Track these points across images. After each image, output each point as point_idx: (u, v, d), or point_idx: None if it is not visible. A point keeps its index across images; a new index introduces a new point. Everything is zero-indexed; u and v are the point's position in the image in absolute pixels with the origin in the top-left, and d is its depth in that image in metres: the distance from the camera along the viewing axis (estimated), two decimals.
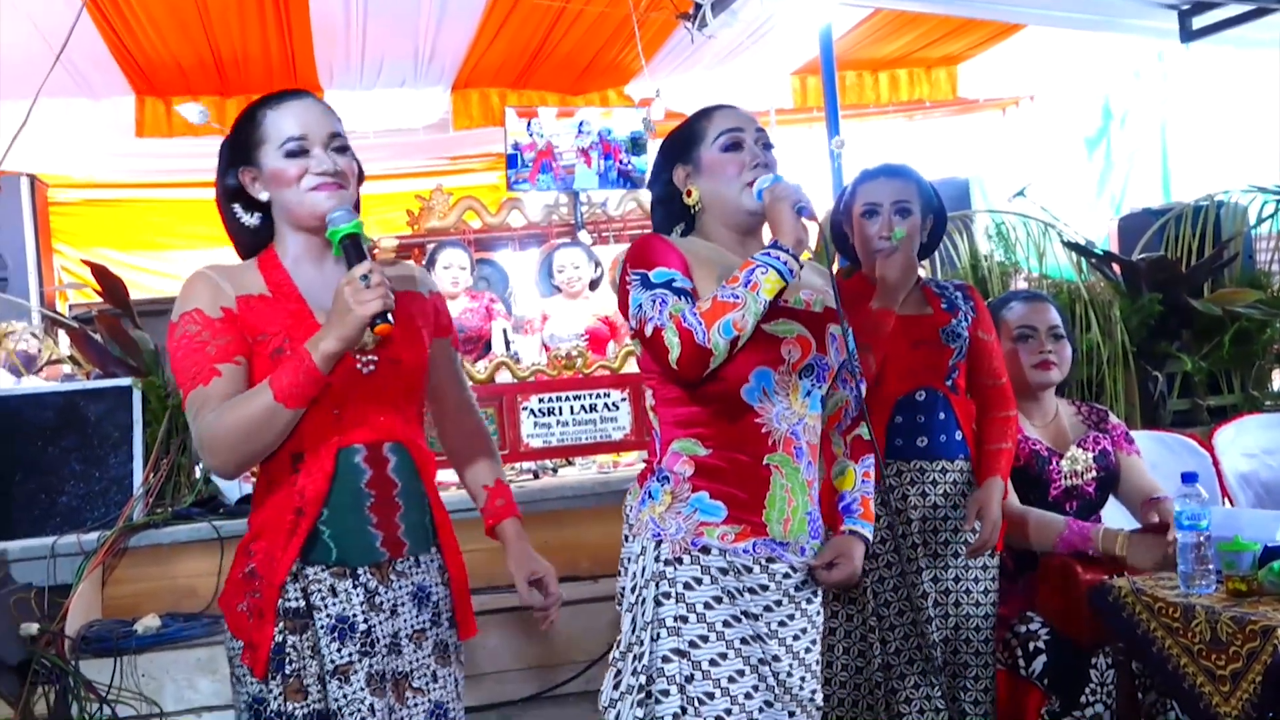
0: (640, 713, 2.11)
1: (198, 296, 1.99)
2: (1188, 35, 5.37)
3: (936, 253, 4.89)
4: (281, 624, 1.96)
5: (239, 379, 1.95)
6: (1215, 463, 3.74)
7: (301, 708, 1.95)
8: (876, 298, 2.75)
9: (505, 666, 3.88)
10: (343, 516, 1.99)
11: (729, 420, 2.17)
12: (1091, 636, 2.74)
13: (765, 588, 2.17)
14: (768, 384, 2.17)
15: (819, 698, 2.25)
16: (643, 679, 2.11)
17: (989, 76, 8.66)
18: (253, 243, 2.12)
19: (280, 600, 1.96)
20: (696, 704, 2.09)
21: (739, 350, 2.11)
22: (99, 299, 4.93)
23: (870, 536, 2.33)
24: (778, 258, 2.12)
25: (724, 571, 2.15)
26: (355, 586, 2.00)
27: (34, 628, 3.66)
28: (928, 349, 2.81)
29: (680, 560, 2.14)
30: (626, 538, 2.26)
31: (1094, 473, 3.05)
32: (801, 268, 2.17)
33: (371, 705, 1.99)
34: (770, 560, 2.18)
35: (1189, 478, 2.52)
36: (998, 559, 2.86)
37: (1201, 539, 2.43)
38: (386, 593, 2.04)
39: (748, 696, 2.13)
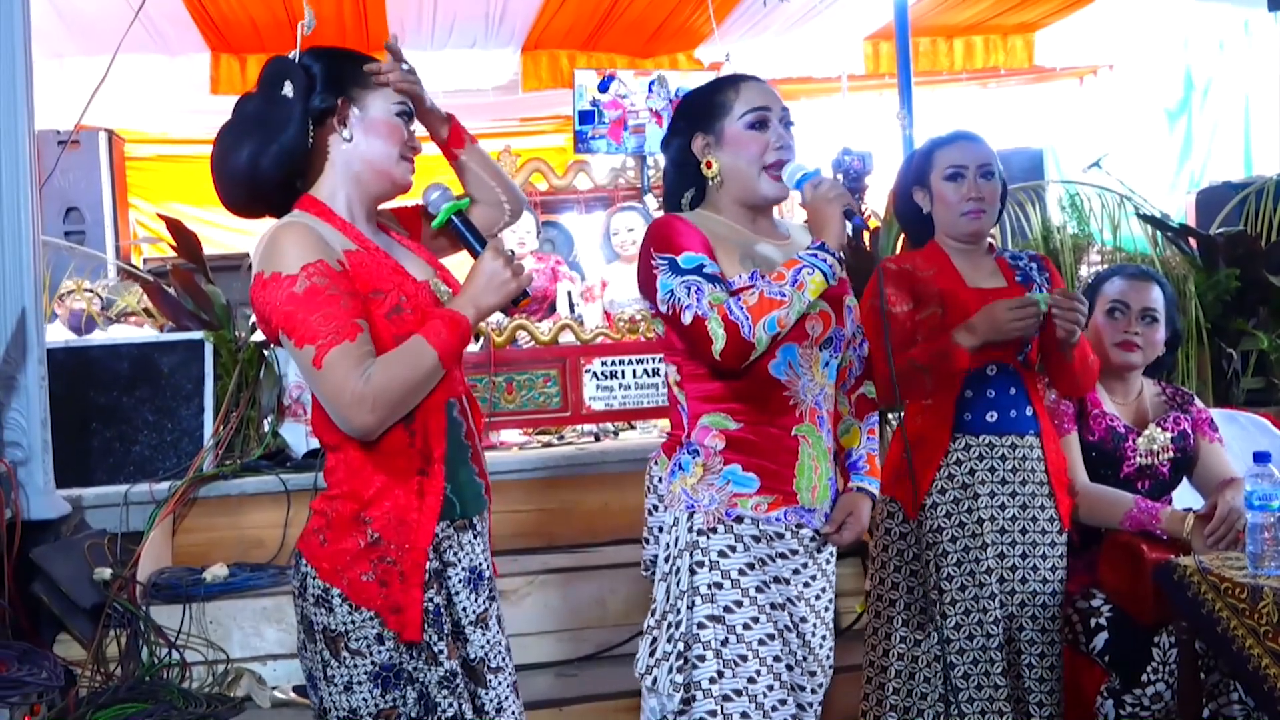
0: (679, 678, 2.16)
1: (314, 247, 1.91)
2: (1275, 4, 5.22)
3: (1008, 224, 4.85)
4: (434, 585, 1.98)
5: (369, 336, 1.92)
6: None
7: (456, 663, 2.00)
8: (962, 331, 2.67)
9: (564, 626, 3.92)
10: (457, 470, 2.03)
11: (758, 395, 2.22)
12: (1154, 615, 2.71)
13: (795, 552, 2.26)
14: (793, 358, 2.21)
15: (832, 656, 2.35)
16: (680, 645, 2.17)
17: (1067, 44, 8.48)
18: (285, 173, 1.99)
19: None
20: (732, 666, 2.16)
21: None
22: (173, 253, 5.01)
23: (876, 493, 2.40)
24: (825, 260, 2.16)
25: (756, 539, 2.22)
26: (475, 537, 2.08)
27: (107, 572, 3.76)
28: None
29: (714, 530, 2.20)
30: (654, 508, 2.30)
31: (1170, 453, 3.00)
32: (844, 269, 2.22)
33: (507, 645, 2.10)
34: (799, 526, 2.26)
35: (1261, 457, 2.47)
36: (1066, 536, 2.82)
37: (1272, 520, 2.39)
38: (486, 539, 2.13)
39: (776, 660, 2.21)
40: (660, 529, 2.27)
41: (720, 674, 2.15)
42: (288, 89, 1.97)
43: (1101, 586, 2.87)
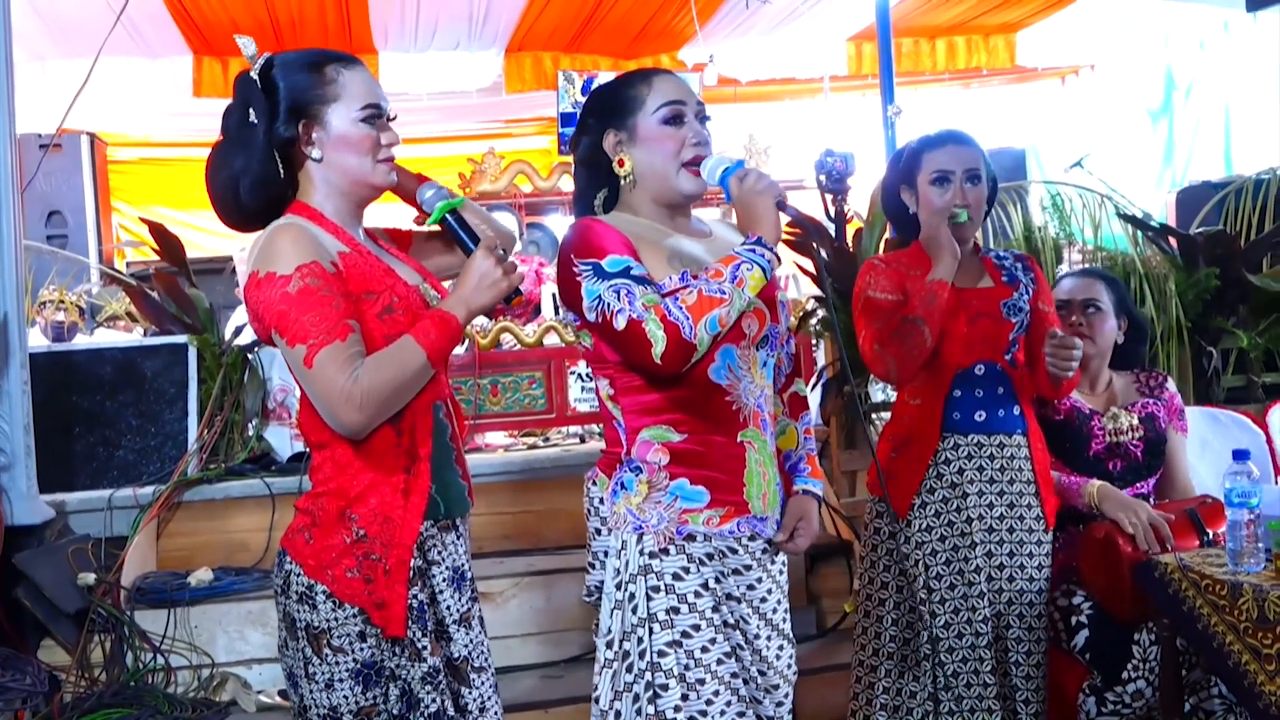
0: (650, 709, 2.07)
1: (309, 249, 1.93)
2: (1254, 3, 5.25)
3: (990, 224, 4.87)
4: (419, 583, 2.00)
5: (360, 336, 1.94)
6: (1269, 440, 3.68)
7: (439, 660, 2.02)
8: (933, 270, 2.71)
9: (549, 628, 3.93)
10: (442, 471, 2.04)
11: (700, 403, 2.11)
12: (1135, 612, 2.72)
13: (749, 567, 2.16)
14: (732, 361, 2.12)
15: (794, 664, 2.25)
16: (648, 675, 2.07)
17: (1048, 45, 8.50)
18: (263, 200, 2.01)
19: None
20: (696, 689, 2.08)
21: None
22: (156, 257, 5.00)
23: (820, 494, 2.30)
24: (763, 255, 2.07)
25: (710, 557, 2.11)
26: (459, 538, 2.11)
27: (91, 577, 3.75)
28: (988, 322, 2.77)
29: (666, 551, 2.09)
30: (597, 531, 2.23)
31: (1140, 433, 3.01)
32: (780, 264, 2.14)
33: (489, 646, 2.13)
34: (751, 538, 2.16)
35: (1240, 454, 2.49)
36: (1051, 534, 2.84)
37: (1252, 516, 2.41)
38: (468, 541, 2.15)
39: (734, 676, 2.13)
40: (605, 554, 2.16)
41: (685, 697, 2.06)
42: (253, 116, 1.99)
43: (1081, 584, 2.89)
